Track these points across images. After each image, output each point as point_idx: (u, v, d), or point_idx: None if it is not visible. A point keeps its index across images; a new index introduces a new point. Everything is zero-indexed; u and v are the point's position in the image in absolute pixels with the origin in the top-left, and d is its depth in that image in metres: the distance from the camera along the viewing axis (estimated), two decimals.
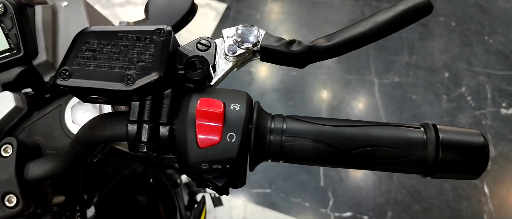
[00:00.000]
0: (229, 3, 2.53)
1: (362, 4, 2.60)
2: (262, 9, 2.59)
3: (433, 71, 2.41)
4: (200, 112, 0.37)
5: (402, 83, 2.34)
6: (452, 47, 2.50)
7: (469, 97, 2.33)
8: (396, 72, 2.38)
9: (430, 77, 2.38)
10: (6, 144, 0.52)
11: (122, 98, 0.39)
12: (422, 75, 2.38)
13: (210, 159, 0.38)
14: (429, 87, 2.34)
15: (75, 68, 0.38)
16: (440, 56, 2.46)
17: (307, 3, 2.59)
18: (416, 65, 2.41)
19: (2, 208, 0.51)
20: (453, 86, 2.36)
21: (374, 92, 2.30)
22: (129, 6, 2.49)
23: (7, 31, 0.57)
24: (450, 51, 2.49)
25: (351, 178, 2.05)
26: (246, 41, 0.44)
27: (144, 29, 0.38)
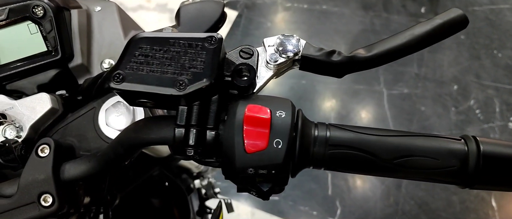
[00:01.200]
0: (241, 10, 2.55)
1: (372, 15, 2.62)
2: (273, 17, 2.61)
3: (442, 83, 2.42)
4: (248, 118, 0.38)
5: (411, 95, 2.35)
6: (461, 60, 2.51)
7: (478, 110, 2.34)
8: (405, 83, 2.39)
9: (439, 89, 2.39)
10: (44, 145, 0.53)
11: (171, 103, 0.40)
12: (431, 87, 2.39)
13: (256, 164, 0.39)
14: (438, 99, 2.35)
15: (128, 72, 0.39)
16: (449, 69, 2.47)
17: (318, 13, 2.61)
18: (425, 77, 2.42)
19: (38, 207, 0.52)
20: (462, 99, 2.37)
21: (383, 102, 2.31)
22: (142, 11, 2.52)
23: (46, 33, 0.58)
24: (459, 64, 2.50)
25: (359, 187, 2.05)
26: (287, 50, 0.45)
27: (195, 37, 0.40)
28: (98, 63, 0.64)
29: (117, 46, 0.65)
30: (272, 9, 2.62)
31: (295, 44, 0.45)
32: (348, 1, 2.65)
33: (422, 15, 2.62)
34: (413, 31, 0.46)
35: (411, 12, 2.62)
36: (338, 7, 2.62)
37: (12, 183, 0.54)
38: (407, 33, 0.46)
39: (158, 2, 2.56)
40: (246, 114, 0.39)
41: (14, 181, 0.53)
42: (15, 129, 0.57)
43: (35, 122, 0.57)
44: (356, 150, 0.40)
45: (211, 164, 0.46)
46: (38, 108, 0.57)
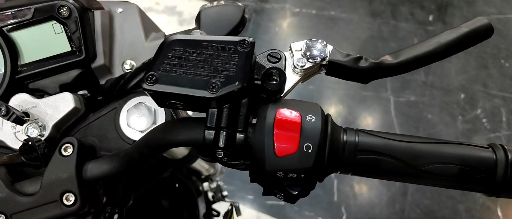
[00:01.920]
0: (249, 15, 2.56)
1: (380, 22, 2.62)
2: (281, 22, 2.61)
3: (449, 92, 2.42)
4: (279, 121, 0.39)
5: (418, 102, 2.35)
6: (468, 68, 2.51)
7: (485, 119, 2.33)
8: (412, 91, 2.39)
9: (446, 97, 2.39)
10: (67, 144, 0.53)
11: (201, 105, 0.41)
12: (438, 95, 2.39)
13: (286, 168, 0.39)
14: (445, 107, 2.35)
15: (162, 74, 0.39)
16: (456, 77, 2.47)
17: (326, 19, 2.61)
18: (433, 85, 2.42)
19: (60, 206, 0.52)
20: (469, 108, 2.37)
21: (390, 109, 2.31)
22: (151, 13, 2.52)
23: (71, 34, 0.59)
24: (467, 73, 2.50)
25: (365, 194, 2.05)
26: (314, 55, 0.46)
27: (228, 40, 0.40)
28: (120, 64, 0.64)
29: (138, 47, 0.65)
30: (280, 14, 2.63)
31: (322, 49, 0.46)
32: (357, 7, 2.65)
33: (430, 23, 2.62)
34: (439, 39, 0.46)
35: (419, 20, 2.62)
36: (346, 13, 2.63)
37: (34, 182, 0.54)
38: (433, 41, 0.46)
39: (167, 4, 2.57)
40: (277, 117, 0.39)
41: (37, 180, 0.54)
42: (38, 128, 0.57)
43: (58, 121, 0.58)
44: (385, 156, 0.40)
45: (237, 167, 0.46)
46: (61, 107, 0.58)
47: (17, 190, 0.52)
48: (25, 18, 0.57)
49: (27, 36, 0.58)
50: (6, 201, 0.52)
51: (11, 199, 0.52)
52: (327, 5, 2.65)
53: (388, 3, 2.68)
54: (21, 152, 0.55)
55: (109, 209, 0.77)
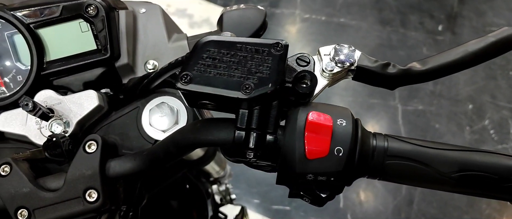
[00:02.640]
0: None
1: (389, 31, 2.62)
2: (290, 28, 2.62)
3: (457, 102, 2.41)
4: (310, 124, 0.39)
5: (425, 111, 2.34)
6: (477, 79, 2.51)
7: (492, 130, 2.33)
8: (420, 99, 2.39)
9: (454, 107, 2.39)
10: (91, 141, 0.54)
11: (233, 106, 0.41)
12: (446, 104, 2.39)
13: (316, 171, 0.39)
14: (453, 118, 2.35)
15: (196, 74, 0.40)
16: (464, 88, 2.47)
17: (336, 25, 2.62)
18: (441, 94, 2.42)
19: (83, 202, 0.53)
20: (477, 118, 2.36)
21: (397, 118, 2.31)
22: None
23: (97, 32, 0.59)
24: (475, 83, 2.49)
25: (370, 201, 2.05)
26: (343, 60, 0.46)
27: (262, 42, 0.40)
28: (142, 64, 0.65)
29: (161, 48, 0.66)
30: (290, 19, 2.64)
31: (351, 54, 0.46)
32: (366, 15, 2.66)
33: (439, 33, 2.62)
34: (467, 48, 0.47)
35: (429, 29, 2.62)
36: (355, 20, 2.64)
37: (57, 177, 0.54)
38: (461, 49, 0.47)
39: (178, 7, 2.58)
40: (309, 120, 0.39)
41: (60, 176, 0.54)
42: (62, 124, 0.58)
43: (82, 118, 0.58)
44: (415, 162, 0.40)
45: (263, 169, 0.47)
46: (86, 104, 0.58)
47: (40, 185, 0.53)
48: (53, 16, 0.58)
49: (54, 33, 0.59)
50: (30, 196, 0.52)
51: (34, 194, 0.52)
52: (336, 12, 2.66)
53: (398, 11, 2.68)
54: (45, 148, 0.55)
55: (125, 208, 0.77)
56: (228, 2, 2.65)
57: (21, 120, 0.58)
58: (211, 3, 2.63)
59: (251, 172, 2.07)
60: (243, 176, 2.04)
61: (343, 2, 2.70)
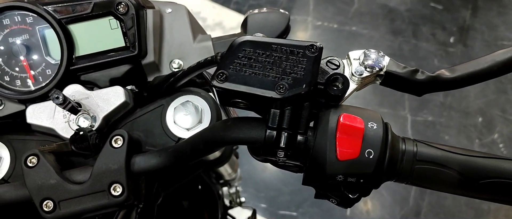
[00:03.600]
0: None
1: (401, 41, 2.63)
2: (302, 35, 2.63)
3: (467, 114, 2.41)
4: (342, 126, 0.40)
5: (435, 123, 2.34)
6: (487, 92, 2.50)
7: (501, 144, 2.32)
8: (430, 110, 2.38)
9: (463, 119, 2.38)
10: (118, 136, 0.54)
11: (266, 105, 0.42)
12: (456, 117, 2.39)
13: (346, 172, 0.40)
14: (462, 130, 2.34)
15: (232, 72, 0.41)
16: (475, 100, 2.47)
17: (347, 34, 2.63)
18: (451, 106, 2.42)
19: (107, 196, 0.53)
20: (486, 132, 2.36)
21: (406, 128, 2.30)
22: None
23: (126, 30, 0.60)
24: (485, 97, 2.49)
25: (377, 211, 2.04)
26: (372, 65, 0.47)
27: (297, 44, 0.41)
28: (167, 63, 0.66)
29: (186, 48, 0.67)
30: (302, 26, 2.65)
31: (380, 59, 0.47)
32: (378, 25, 2.67)
33: (451, 45, 2.62)
34: (495, 57, 0.47)
35: (440, 41, 2.63)
36: (367, 29, 2.64)
37: (83, 171, 0.55)
38: (489, 58, 0.47)
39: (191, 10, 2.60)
40: (341, 122, 0.40)
41: (85, 169, 0.55)
42: (89, 119, 0.58)
43: (108, 114, 0.59)
44: (443, 168, 0.41)
45: (290, 169, 0.47)
46: (112, 100, 0.59)
47: (66, 178, 0.54)
48: (84, 12, 0.59)
49: (84, 29, 0.60)
50: (56, 187, 0.53)
51: (60, 186, 0.53)
52: (349, 21, 2.67)
53: (410, 22, 2.68)
54: (71, 141, 0.56)
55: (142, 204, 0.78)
56: (240, 6, 2.67)
57: (49, 113, 0.59)
58: (225, 7, 2.65)
59: (259, 177, 2.07)
60: (251, 180, 2.04)
61: (355, 11, 2.71)
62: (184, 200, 1.10)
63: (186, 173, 0.88)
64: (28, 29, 0.60)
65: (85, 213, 0.54)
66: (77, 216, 0.54)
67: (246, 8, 2.65)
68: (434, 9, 2.75)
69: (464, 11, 2.78)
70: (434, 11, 2.75)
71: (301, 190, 2.04)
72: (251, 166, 2.08)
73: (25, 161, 0.53)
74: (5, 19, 0.59)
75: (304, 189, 2.07)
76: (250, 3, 2.68)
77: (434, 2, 2.78)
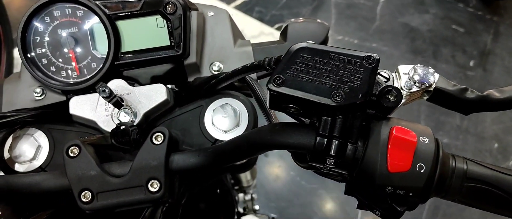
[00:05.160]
0: None
1: (420, 60, 2.62)
2: None
3: (482, 139, 2.39)
4: (395, 138, 0.40)
5: (450, 145, 2.32)
6: (504, 119, 2.48)
7: None
8: (446, 133, 2.37)
9: (479, 144, 2.36)
10: (158, 133, 0.55)
11: (318, 112, 0.42)
12: (471, 141, 2.37)
13: (396, 184, 0.40)
14: (478, 154, 2.32)
15: (288, 77, 0.41)
16: (491, 126, 2.45)
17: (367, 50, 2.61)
18: (467, 130, 2.40)
19: (145, 191, 0.54)
20: (501, 158, 2.33)
21: None
22: None
23: (172, 29, 0.61)
24: (502, 123, 2.47)
25: None
26: (422, 80, 0.47)
27: (355, 54, 0.42)
28: (208, 65, 0.66)
29: (227, 52, 0.67)
30: None
31: (430, 75, 0.47)
32: (399, 43, 2.66)
33: (470, 68, 2.61)
34: None
35: (460, 63, 2.62)
36: (387, 47, 2.64)
37: (122, 165, 0.56)
38: None
39: None
40: (394, 134, 0.40)
41: (124, 163, 0.56)
42: (130, 114, 0.59)
43: (149, 110, 0.60)
44: (493, 187, 0.41)
45: (333, 177, 0.47)
46: (154, 97, 0.60)
47: (105, 170, 0.54)
48: (133, 9, 0.60)
49: (131, 26, 0.61)
50: (95, 179, 0.53)
51: (100, 178, 0.53)
52: (369, 37, 2.67)
53: (431, 42, 2.68)
54: (112, 135, 0.57)
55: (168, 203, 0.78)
56: (263, 15, 2.69)
57: (91, 105, 0.60)
58: (247, 15, 2.67)
59: (271, 187, 2.07)
60: (263, 189, 2.04)
61: (376, 28, 2.71)
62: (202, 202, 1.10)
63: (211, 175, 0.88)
64: (78, 22, 0.61)
65: (120, 207, 0.55)
66: (112, 208, 0.55)
67: (268, 17, 2.66)
68: (456, 32, 2.75)
69: (486, 35, 2.77)
70: (456, 34, 2.74)
71: (311, 203, 2.03)
72: (263, 175, 2.08)
73: (67, 151, 0.54)
74: (56, 11, 0.60)
75: (315, 203, 2.06)
76: (272, 13, 2.69)
77: (456, 24, 2.78)
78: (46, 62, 0.62)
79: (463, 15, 2.84)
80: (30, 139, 0.60)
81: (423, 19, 2.78)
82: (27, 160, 0.60)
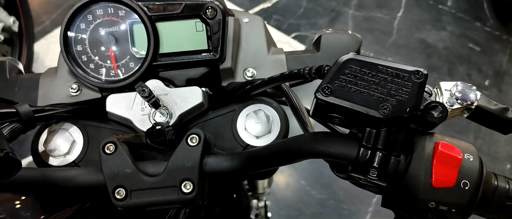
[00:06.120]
0: (308, 46, 2.61)
1: (435, 77, 2.61)
2: None
3: (495, 159, 2.37)
4: (441, 154, 0.40)
5: None
6: None
7: None
8: None
9: (491, 164, 2.35)
10: (194, 135, 0.56)
11: (363, 123, 0.43)
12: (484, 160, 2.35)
13: (440, 200, 0.40)
14: None
15: (337, 88, 0.42)
16: (504, 147, 2.43)
17: None
18: (480, 149, 2.38)
19: (178, 191, 0.54)
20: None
21: None
22: None
23: (211, 34, 0.62)
24: None
25: None
26: (464, 98, 0.47)
27: (403, 68, 0.42)
28: (242, 70, 0.67)
29: (261, 58, 0.68)
30: None
31: (472, 93, 0.47)
32: (414, 58, 2.66)
33: (485, 88, 2.60)
34: None
35: (475, 82, 2.61)
36: (403, 61, 2.63)
37: (156, 164, 0.56)
38: None
39: None
40: (439, 150, 0.41)
41: (159, 163, 0.56)
42: (165, 115, 0.60)
43: (184, 112, 0.61)
44: None
45: (369, 188, 0.48)
46: (190, 99, 0.61)
47: (140, 169, 0.55)
48: (174, 12, 0.61)
49: (171, 28, 0.62)
50: (130, 176, 0.54)
51: (135, 176, 0.54)
52: (385, 51, 2.67)
53: (447, 60, 2.68)
54: (147, 134, 0.58)
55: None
56: (280, 24, 2.70)
57: (128, 104, 0.61)
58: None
59: (281, 194, 2.07)
60: (273, 197, 2.04)
61: (393, 42, 2.71)
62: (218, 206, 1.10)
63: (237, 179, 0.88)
64: (119, 22, 0.62)
65: (152, 206, 0.55)
66: (144, 207, 0.55)
67: (285, 26, 2.68)
68: (472, 50, 2.74)
69: (502, 55, 2.76)
70: (472, 52, 2.74)
71: (322, 214, 2.03)
72: (274, 183, 2.08)
73: (103, 148, 0.55)
74: (99, 10, 0.62)
75: (325, 213, 2.06)
76: (289, 22, 2.71)
77: (473, 43, 2.77)
78: (86, 59, 0.63)
79: (480, 34, 2.83)
80: (65, 134, 0.61)
81: (439, 36, 2.78)
82: (61, 154, 0.61)
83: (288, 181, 2.10)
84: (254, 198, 1.37)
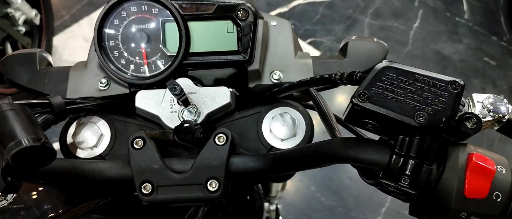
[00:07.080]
0: (323, 51, 2.61)
1: None
2: None
3: None
4: (474, 165, 0.41)
5: None
6: None
7: None
8: None
9: None
10: (222, 134, 0.56)
11: (397, 131, 0.43)
12: None
13: (472, 210, 0.40)
14: None
15: (373, 94, 0.42)
16: None
17: None
18: None
19: (203, 189, 0.55)
20: None
21: None
22: None
23: (242, 35, 0.63)
24: None
25: None
26: (496, 110, 0.47)
27: (440, 78, 0.43)
28: (268, 73, 0.68)
29: (288, 62, 0.69)
30: None
31: (504, 106, 0.48)
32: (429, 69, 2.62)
33: None
34: None
35: None
36: None
37: (183, 161, 0.57)
38: None
39: None
40: (473, 161, 0.41)
41: (186, 160, 0.57)
42: (194, 113, 0.61)
43: (212, 111, 0.61)
44: None
45: (397, 196, 0.48)
46: (218, 99, 0.61)
47: (167, 165, 0.55)
48: (206, 12, 0.62)
49: (202, 28, 0.63)
50: (157, 172, 0.55)
51: (162, 172, 0.55)
52: (400, 60, 2.66)
53: (462, 72, 2.66)
54: (175, 131, 0.58)
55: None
56: (296, 29, 2.70)
57: (157, 101, 0.62)
58: None
59: (290, 199, 2.07)
60: (282, 201, 2.04)
61: (408, 52, 2.71)
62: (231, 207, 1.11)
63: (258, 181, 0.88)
64: (152, 19, 0.63)
65: (178, 202, 0.56)
66: (169, 202, 0.56)
67: (301, 31, 2.68)
68: (487, 64, 2.73)
69: None
70: (487, 66, 2.72)
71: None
72: None
73: (132, 142, 0.55)
74: (133, 7, 0.63)
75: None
76: (305, 27, 2.71)
77: (488, 57, 2.76)
78: (117, 55, 0.64)
79: (496, 48, 2.82)
80: (94, 127, 0.62)
81: (455, 48, 2.76)
82: (89, 147, 0.62)
83: (298, 186, 2.10)
84: (266, 201, 1.38)
